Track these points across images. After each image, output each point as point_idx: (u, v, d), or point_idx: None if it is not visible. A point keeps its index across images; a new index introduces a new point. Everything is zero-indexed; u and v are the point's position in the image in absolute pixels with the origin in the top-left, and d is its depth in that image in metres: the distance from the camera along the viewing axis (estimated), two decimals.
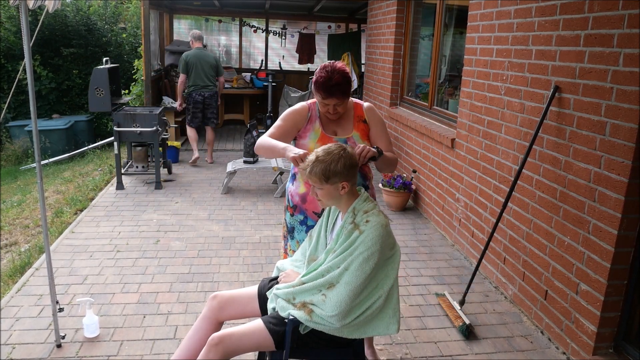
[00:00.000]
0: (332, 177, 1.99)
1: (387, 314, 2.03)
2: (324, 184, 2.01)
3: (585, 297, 2.69)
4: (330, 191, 2.03)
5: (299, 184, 2.50)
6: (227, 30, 10.76)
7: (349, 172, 2.03)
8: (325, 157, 2.00)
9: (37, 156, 2.64)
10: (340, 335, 2.01)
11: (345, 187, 2.03)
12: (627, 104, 2.41)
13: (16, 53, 9.50)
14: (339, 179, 2.01)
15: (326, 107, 2.42)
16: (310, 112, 2.53)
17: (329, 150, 2.03)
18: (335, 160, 2.00)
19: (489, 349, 2.91)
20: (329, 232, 2.19)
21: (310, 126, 2.51)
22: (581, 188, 2.73)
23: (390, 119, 6.18)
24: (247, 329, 2.03)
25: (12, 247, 4.47)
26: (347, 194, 2.06)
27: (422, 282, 3.67)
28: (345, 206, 2.10)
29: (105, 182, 6.01)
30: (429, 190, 4.93)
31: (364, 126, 2.54)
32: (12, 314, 3.07)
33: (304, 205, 2.48)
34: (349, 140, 2.49)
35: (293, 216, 2.54)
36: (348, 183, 2.03)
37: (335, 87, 2.34)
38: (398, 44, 6.02)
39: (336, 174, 1.99)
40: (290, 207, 2.55)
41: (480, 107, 3.88)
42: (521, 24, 3.32)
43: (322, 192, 2.05)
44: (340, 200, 2.08)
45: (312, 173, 2.01)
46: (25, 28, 2.46)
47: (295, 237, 2.56)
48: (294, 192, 2.51)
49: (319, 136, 2.47)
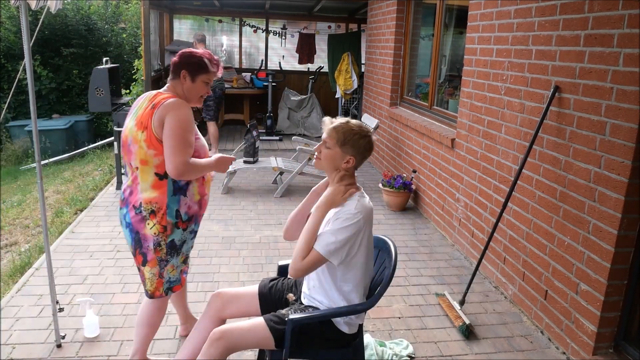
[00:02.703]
0: (348, 145, 1.99)
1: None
2: (337, 145, 2.00)
3: (585, 297, 2.69)
4: (335, 156, 2.01)
5: (193, 194, 2.34)
6: (227, 30, 10.76)
7: (363, 153, 2.03)
8: (355, 128, 2.02)
9: (37, 156, 2.64)
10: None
11: (350, 162, 2.01)
12: (627, 104, 2.42)
13: (16, 53, 9.50)
14: (352, 151, 2.00)
15: (206, 87, 2.38)
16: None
17: (361, 125, 2.05)
18: (361, 135, 2.01)
19: (489, 349, 2.91)
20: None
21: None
22: (581, 188, 2.73)
23: (390, 119, 6.18)
24: (248, 326, 2.04)
25: (12, 247, 4.47)
26: (344, 173, 2.04)
27: (422, 282, 3.67)
28: (334, 182, 2.06)
29: (105, 182, 6.01)
30: (429, 190, 4.93)
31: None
32: (12, 314, 3.06)
33: (201, 210, 2.43)
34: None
35: (186, 230, 2.36)
36: (354, 160, 2.02)
37: (220, 64, 2.42)
38: (398, 44, 6.02)
39: (354, 145, 1.99)
40: (182, 222, 2.33)
41: (480, 107, 3.88)
42: (521, 24, 3.32)
43: (328, 153, 2.02)
44: (335, 171, 2.04)
45: (335, 129, 2.01)
46: (25, 28, 2.46)
47: (182, 250, 2.40)
48: (190, 203, 2.33)
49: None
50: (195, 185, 2.36)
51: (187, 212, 2.34)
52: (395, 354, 2.76)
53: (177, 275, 2.44)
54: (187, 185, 2.31)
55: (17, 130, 9.09)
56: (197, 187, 2.37)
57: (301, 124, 9.04)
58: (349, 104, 9.36)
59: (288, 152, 7.31)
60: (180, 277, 2.46)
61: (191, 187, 2.33)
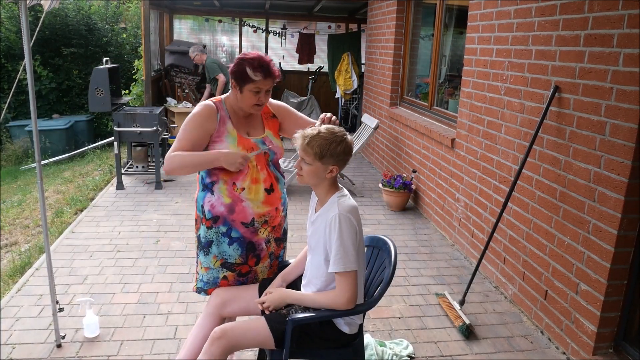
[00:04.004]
0: (327, 157, 1.95)
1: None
2: (316, 160, 1.96)
3: (585, 297, 2.69)
4: (317, 170, 1.98)
5: (221, 195, 2.24)
6: (227, 30, 10.76)
7: (344, 158, 2.00)
8: (328, 136, 1.95)
9: (37, 156, 2.64)
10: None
11: (333, 172, 1.99)
12: (627, 104, 2.42)
13: (16, 53, 9.50)
14: (333, 161, 1.97)
15: (256, 96, 2.18)
16: (219, 112, 2.25)
17: (333, 131, 1.98)
18: (337, 142, 1.95)
19: (489, 349, 2.91)
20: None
21: (224, 128, 2.23)
22: (581, 188, 2.73)
23: (390, 119, 6.18)
24: (249, 325, 2.05)
25: (12, 247, 4.47)
26: (330, 181, 2.03)
27: (422, 282, 3.67)
28: (323, 193, 2.05)
29: (105, 182, 6.01)
30: (429, 190, 4.93)
31: (273, 122, 2.38)
32: (12, 314, 3.07)
33: (232, 215, 2.24)
34: (265, 141, 2.30)
35: (211, 229, 2.27)
36: (337, 168, 2.00)
37: (270, 65, 2.17)
38: (398, 44, 6.02)
39: (332, 155, 1.95)
40: (206, 220, 2.28)
41: (480, 107, 3.88)
42: (521, 24, 3.32)
43: (309, 169, 1.99)
44: (321, 183, 2.03)
45: (310, 145, 1.95)
46: (25, 28, 2.46)
47: (213, 252, 2.30)
48: (216, 203, 2.24)
49: (237, 139, 2.23)
50: (224, 188, 2.23)
51: (211, 211, 2.25)
52: (395, 354, 2.76)
53: (209, 276, 2.32)
54: (212, 184, 2.25)
55: (17, 130, 9.09)
56: (225, 190, 2.23)
57: None
58: (349, 104, 9.36)
59: (288, 152, 7.30)
60: (217, 281, 2.32)
61: (217, 187, 2.24)
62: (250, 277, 2.36)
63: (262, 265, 2.36)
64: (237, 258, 2.30)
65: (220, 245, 2.28)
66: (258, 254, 2.33)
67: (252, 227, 2.28)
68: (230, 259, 2.30)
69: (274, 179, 2.32)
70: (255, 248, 2.32)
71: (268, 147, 2.29)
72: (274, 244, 2.39)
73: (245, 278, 2.35)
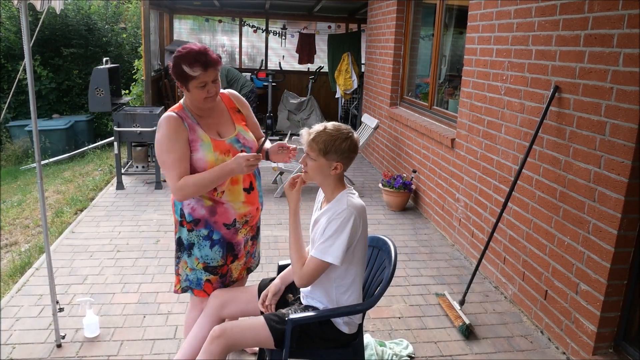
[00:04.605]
0: (331, 153, 1.95)
1: None
2: (320, 156, 1.97)
3: (585, 297, 2.69)
4: (322, 166, 1.98)
5: (201, 199, 2.22)
6: (227, 30, 10.77)
7: (348, 156, 2.00)
8: (334, 132, 1.96)
9: (37, 156, 2.64)
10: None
11: (338, 169, 1.99)
12: (627, 104, 2.42)
13: (16, 53, 9.50)
14: (337, 157, 1.97)
15: (203, 90, 2.08)
16: (184, 120, 2.15)
17: (339, 127, 1.99)
18: (342, 138, 1.96)
19: (489, 349, 2.91)
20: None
21: (196, 135, 2.15)
22: (581, 188, 2.73)
23: (390, 119, 6.18)
24: (249, 324, 2.05)
25: (12, 247, 4.47)
26: (335, 178, 2.03)
27: (422, 282, 3.67)
28: (330, 191, 2.05)
29: (105, 182, 6.01)
30: (429, 190, 4.93)
31: (240, 116, 2.32)
32: (12, 314, 3.07)
33: (213, 217, 2.23)
34: (240, 139, 2.24)
35: (192, 231, 2.26)
36: (341, 165, 2.00)
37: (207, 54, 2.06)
38: (398, 44, 6.02)
39: (337, 151, 1.96)
40: (186, 223, 2.25)
41: (480, 107, 3.88)
42: (521, 24, 3.32)
43: (314, 165, 1.99)
44: (326, 180, 2.03)
45: (315, 141, 1.96)
46: (25, 28, 2.46)
47: (195, 254, 2.28)
48: (197, 206, 2.22)
49: (212, 145, 2.16)
50: (204, 194, 2.22)
51: (192, 214, 2.24)
52: (395, 354, 2.76)
53: (194, 276, 2.32)
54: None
55: (17, 130, 9.09)
56: (205, 195, 2.22)
57: (301, 125, 9.05)
58: (349, 104, 9.35)
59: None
60: (200, 283, 2.32)
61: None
62: (228, 276, 2.38)
63: (237, 263, 2.39)
64: (219, 260, 2.31)
65: (202, 248, 2.28)
66: (236, 254, 2.36)
67: (233, 228, 2.30)
68: (212, 262, 2.30)
69: (252, 176, 2.34)
70: (234, 248, 2.34)
71: (243, 145, 2.27)
72: (250, 242, 2.44)
73: (225, 278, 2.37)
